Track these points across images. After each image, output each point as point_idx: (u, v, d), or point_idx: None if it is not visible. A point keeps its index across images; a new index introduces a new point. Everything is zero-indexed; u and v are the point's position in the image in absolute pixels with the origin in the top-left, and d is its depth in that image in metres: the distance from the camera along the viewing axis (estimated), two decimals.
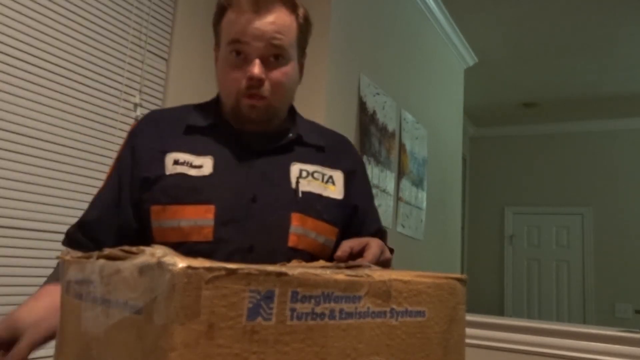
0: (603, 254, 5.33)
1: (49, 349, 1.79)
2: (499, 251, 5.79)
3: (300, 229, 0.90)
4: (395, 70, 3.05)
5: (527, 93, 5.06)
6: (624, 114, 5.29)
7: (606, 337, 1.76)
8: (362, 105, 2.61)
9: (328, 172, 0.97)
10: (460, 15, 3.64)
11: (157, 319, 0.44)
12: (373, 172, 2.66)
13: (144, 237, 0.91)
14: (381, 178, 2.75)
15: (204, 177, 0.89)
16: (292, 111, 1.01)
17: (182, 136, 0.93)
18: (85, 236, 0.91)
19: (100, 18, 1.87)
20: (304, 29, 0.95)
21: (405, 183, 3.06)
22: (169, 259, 0.45)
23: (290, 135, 0.97)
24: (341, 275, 0.55)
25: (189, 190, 0.88)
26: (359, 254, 0.83)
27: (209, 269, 0.45)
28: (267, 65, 0.89)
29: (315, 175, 0.95)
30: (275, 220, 0.89)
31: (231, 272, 0.46)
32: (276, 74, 0.90)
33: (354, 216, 1.01)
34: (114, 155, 1.89)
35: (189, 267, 0.44)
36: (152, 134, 0.95)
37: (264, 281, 0.48)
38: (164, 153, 0.91)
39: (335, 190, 0.96)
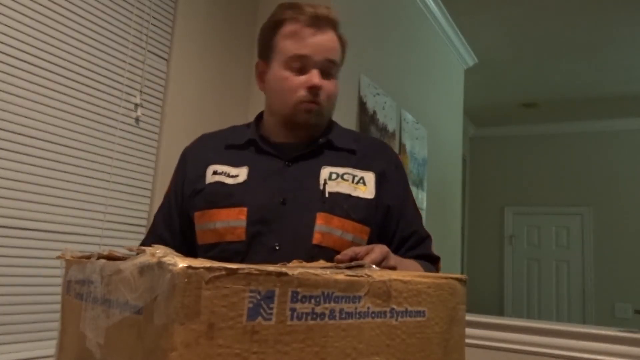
0: (603, 254, 5.33)
1: (49, 349, 1.78)
2: (498, 251, 5.79)
3: (325, 227, 0.95)
4: (395, 70, 3.05)
5: (527, 93, 5.05)
6: (624, 114, 5.29)
7: (606, 337, 1.76)
8: (362, 106, 2.61)
9: (359, 173, 1.02)
10: (460, 15, 3.64)
11: (157, 318, 0.44)
12: None
13: (192, 240, 1.03)
14: None
15: (239, 184, 0.99)
16: (329, 122, 1.09)
17: (222, 152, 1.05)
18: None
19: (100, 18, 1.87)
20: (345, 49, 1.07)
21: None
22: (169, 259, 0.45)
23: (320, 140, 1.03)
24: (341, 276, 0.55)
25: (224, 195, 0.98)
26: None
27: (209, 269, 0.45)
28: (323, 76, 0.99)
29: (345, 176, 1.01)
30: (302, 220, 0.95)
31: (231, 272, 0.46)
32: (329, 85, 1.00)
33: (388, 217, 1.03)
34: (114, 155, 1.89)
35: (189, 267, 0.44)
36: (199, 151, 1.09)
37: (264, 281, 0.48)
38: (206, 166, 1.03)
39: (366, 191, 1.01)
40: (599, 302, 5.28)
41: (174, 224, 1.06)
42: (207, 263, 0.46)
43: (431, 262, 1.05)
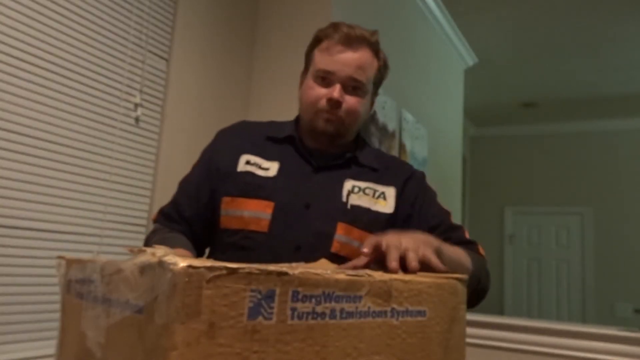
0: (603, 253, 5.33)
1: (49, 349, 1.78)
2: (499, 251, 5.78)
3: (344, 237, 1.00)
4: (395, 70, 3.03)
5: (527, 93, 5.05)
6: (624, 114, 5.29)
7: (606, 337, 1.77)
8: None
9: (380, 188, 1.07)
10: (460, 15, 3.64)
11: (158, 318, 0.44)
12: None
13: (212, 221, 1.06)
14: None
15: (269, 178, 1.04)
16: (358, 139, 1.14)
17: (259, 144, 1.10)
18: (177, 214, 1.08)
19: (100, 18, 1.87)
20: (382, 71, 1.12)
21: None
22: (170, 258, 0.45)
23: (348, 155, 1.09)
24: (342, 275, 0.55)
25: (255, 186, 1.03)
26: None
27: (210, 269, 0.45)
28: (346, 92, 1.04)
29: (367, 191, 1.06)
30: (323, 227, 1.00)
31: (232, 272, 0.46)
32: (352, 100, 1.04)
33: (412, 216, 1.06)
34: (114, 155, 1.89)
35: (189, 266, 0.44)
36: (235, 136, 1.13)
37: (264, 281, 0.48)
38: (239, 153, 1.08)
39: (386, 205, 1.06)
40: (599, 302, 5.28)
41: (202, 195, 1.08)
42: (208, 262, 0.46)
43: (469, 248, 1.02)
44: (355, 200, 1.04)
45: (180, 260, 0.44)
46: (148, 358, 0.45)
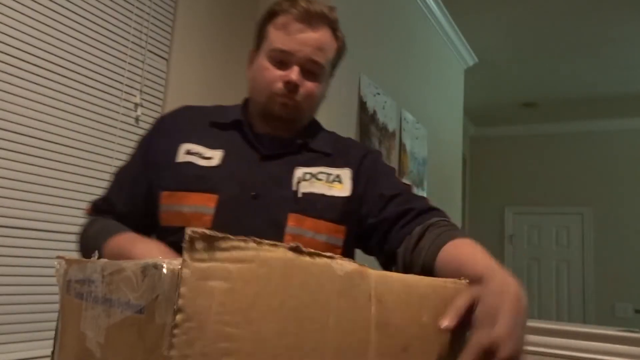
0: (603, 253, 5.33)
1: (49, 349, 1.78)
2: (499, 251, 5.78)
3: (296, 228, 0.92)
4: (395, 70, 3.05)
5: (527, 93, 5.05)
6: (624, 114, 5.29)
7: (606, 337, 1.76)
8: (362, 105, 2.61)
9: (334, 171, 0.99)
10: (460, 15, 3.64)
11: (158, 318, 0.44)
12: None
13: (152, 219, 0.96)
14: None
15: (211, 167, 0.94)
16: (311, 124, 1.06)
17: (202, 130, 1.00)
18: (110, 208, 0.99)
19: (100, 18, 1.87)
20: (341, 52, 1.03)
21: None
22: (170, 259, 0.45)
23: (299, 141, 1.01)
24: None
25: (195, 178, 0.93)
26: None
27: None
28: (303, 74, 0.96)
29: (320, 176, 0.98)
30: (273, 219, 0.91)
31: None
32: (310, 84, 0.97)
33: (367, 191, 0.99)
34: (115, 154, 1.89)
35: None
36: (175, 123, 1.03)
37: None
38: (179, 142, 0.98)
39: (343, 188, 0.98)
40: (599, 302, 5.28)
41: (138, 190, 0.99)
42: None
43: (435, 215, 0.93)
44: (306, 187, 0.95)
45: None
46: (148, 358, 0.45)
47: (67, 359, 0.60)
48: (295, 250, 0.50)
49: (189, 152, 0.96)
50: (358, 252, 1.01)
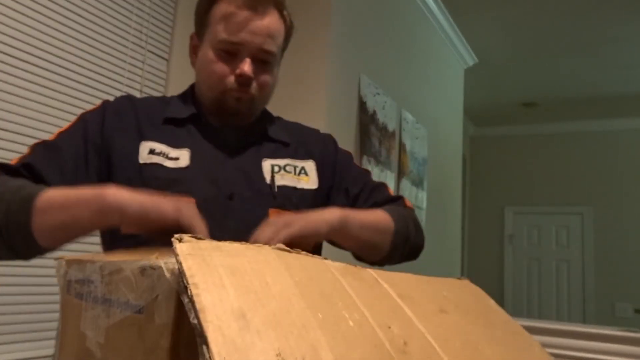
0: (603, 253, 5.33)
1: (49, 349, 1.78)
2: (499, 251, 5.79)
3: None
4: (395, 70, 3.05)
5: (527, 93, 5.05)
6: (624, 114, 5.29)
7: (606, 337, 1.76)
8: (362, 105, 2.61)
9: (299, 163, 0.98)
10: (460, 15, 3.64)
11: (158, 318, 0.44)
12: (373, 172, 2.66)
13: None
14: (381, 178, 2.75)
15: (181, 169, 0.88)
16: (262, 111, 1.02)
17: (158, 126, 0.92)
18: (35, 178, 0.83)
19: (100, 18, 1.87)
20: (289, 34, 0.97)
21: (405, 183, 3.06)
22: (170, 259, 0.45)
23: (257, 130, 0.98)
24: None
25: (168, 182, 0.85)
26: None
27: None
28: (255, 65, 0.90)
29: (288, 168, 0.96)
30: (252, 217, 0.85)
31: None
32: (264, 75, 0.92)
33: (333, 188, 1.00)
34: None
35: None
36: (126, 115, 0.92)
37: None
38: (138, 139, 0.90)
39: (310, 181, 0.97)
40: (599, 302, 5.28)
41: (80, 172, 0.86)
42: None
43: (394, 203, 1.00)
44: (279, 180, 0.93)
45: None
46: (148, 358, 0.45)
47: (67, 359, 0.60)
48: (281, 249, 0.50)
49: (152, 152, 0.88)
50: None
